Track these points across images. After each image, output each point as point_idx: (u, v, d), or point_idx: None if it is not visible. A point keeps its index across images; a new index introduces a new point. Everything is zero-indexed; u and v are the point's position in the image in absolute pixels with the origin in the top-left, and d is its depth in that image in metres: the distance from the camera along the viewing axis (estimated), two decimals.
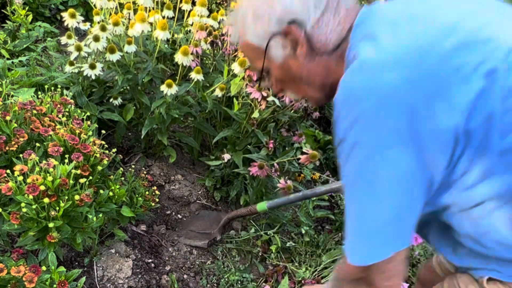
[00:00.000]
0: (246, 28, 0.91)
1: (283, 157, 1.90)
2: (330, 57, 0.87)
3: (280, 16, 0.85)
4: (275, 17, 0.85)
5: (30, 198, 1.22)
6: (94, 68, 1.81)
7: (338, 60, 0.86)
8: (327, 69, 0.89)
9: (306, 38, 0.84)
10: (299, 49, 0.86)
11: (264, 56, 0.90)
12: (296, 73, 0.90)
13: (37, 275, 1.17)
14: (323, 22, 0.84)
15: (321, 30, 0.84)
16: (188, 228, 1.97)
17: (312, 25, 0.84)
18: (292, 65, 0.89)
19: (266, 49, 0.89)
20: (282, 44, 0.87)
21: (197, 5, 1.93)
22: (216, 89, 1.91)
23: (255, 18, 0.88)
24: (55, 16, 3.35)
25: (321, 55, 0.86)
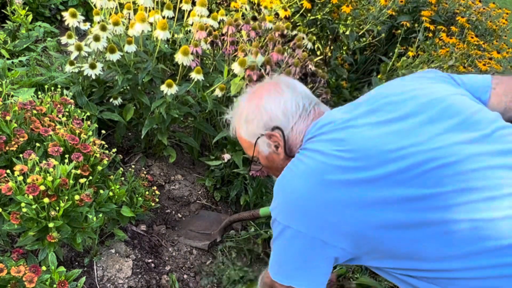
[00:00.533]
0: (240, 126, 1.15)
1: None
2: None
3: (265, 122, 1.09)
4: (262, 123, 1.09)
5: (30, 198, 1.22)
6: (94, 68, 1.81)
7: None
8: None
9: (284, 142, 1.08)
10: (279, 149, 1.10)
11: (253, 149, 1.14)
12: (278, 164, 1.12)
13: (37, 275, 1.17)
14: (295, 126, 1.08)
15: (294, 135, 1.08)
16: (188, 228, 1.97)
17: (289, 131, 1.08)
18: (275, 158, 1.12)
19: (255, 145, 1.13)
20: (267, 143, 1.11)
21: (197, 5, 1.93)
22: (216, 89, 1.91)
23: (247, 120, 1.12)
24: (55, 16, 3.35)
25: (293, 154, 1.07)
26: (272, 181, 2.12)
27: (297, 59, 1.87)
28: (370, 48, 3.38)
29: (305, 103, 1.10)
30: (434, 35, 3.10)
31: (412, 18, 3.33)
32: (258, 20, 2.08)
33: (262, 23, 2.08)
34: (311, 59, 1.94)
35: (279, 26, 1.99)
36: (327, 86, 2.79)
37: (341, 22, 2.85)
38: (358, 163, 0.90)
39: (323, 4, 2.81)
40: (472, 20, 3.63)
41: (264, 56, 1.84)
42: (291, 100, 1.09)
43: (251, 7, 2.63)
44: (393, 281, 1.01)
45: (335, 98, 3.08)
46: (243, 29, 2.02)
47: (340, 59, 3.21)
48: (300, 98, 1.10)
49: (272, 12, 2.44)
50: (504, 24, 3.88)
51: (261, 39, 2.03)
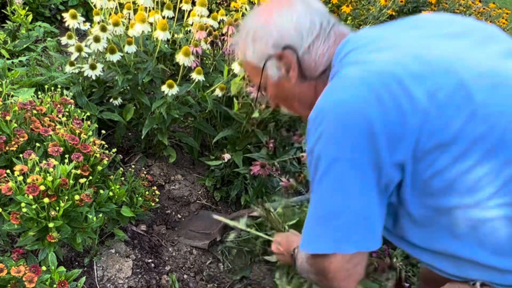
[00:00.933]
0: (246, 48, 1.00)
1: (283, 156, 1.90)
2: (317, 81, 0.96)
3: (276, 41, 0.94)
4: (271, 41, 0.94)
5: (30, 198, 1.22)
6: (94, 69, 1.81)
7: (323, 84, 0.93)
8: (315, 90, 0.96)
9: (298, 63, 0.94)
10: (291, 72, 0.95)
11: (261, 74, 0.99)
12: (289, 92, 0.99)
13: (37, 275, 1.17)
14: (314, 48, 0.94)
15: (311, 56, 0.94)
16: (188, 228, 1.97)
17: (304, 51, 0.93)
18: (285, 84, 0.98)
19: (263, 69, 0.98)
20: (277, 66, 0.96)
21: (197, 5, 1.94)
22: (216, 89, 1.91)
23: (254, 40, 0.97)
24: (55, 16, 3.35)
25: (309, 80, 0.95)
26: (272, 181, 2.12)
27: None
28: None
29: (322, 21, 0.95)
30: None
31: None
32: None
33: None
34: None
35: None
36: None
37: None
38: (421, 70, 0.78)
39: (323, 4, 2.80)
40: None
41: None
42: (305, 16, 0.93)
43: (251, 7, 2.63)
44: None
45: None
46: None
47: None
48: (317, 15, 0.95)
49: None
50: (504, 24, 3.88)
51: None
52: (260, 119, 1.88)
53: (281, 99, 1.05)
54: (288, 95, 1.00)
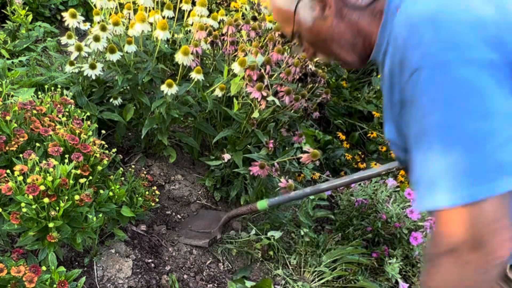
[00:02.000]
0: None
1: (283, 156, 1.90)
2: (363, 15, 0.84)
3: None
4: None
5: (30, 198, 1.22)
6: (94, 68, 1.81)
7: (372, 17, 0.84)
8: (359, 28, 0.86)
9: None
10: (327, 10, 0.85)
11: (293, 20, 0.89)
12: (327, 35, 0.88)
13: (37, 275, 1.17)
14: None
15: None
16: (187, 227, 1.97)
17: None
18: (322, 27, 0.87)
19: (295, 12, 0.88)
20: (310, 6, 0.86)
21: (197, 5, 1.94)
22: (216, 89, 1.91)
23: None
24: (55, 16, 3.35)
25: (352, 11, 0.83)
26: (272, 181, 2.11)
27: (297, 59, 1.87)
28: None
29: None
30: None
31: None
32: (258, 20, 2.09)
33: (262, 23, 2.08)
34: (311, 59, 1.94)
35: (279, 26, 1.99)
36: (327, 86, 2.78)
37: None
38: None
39: None
40: None
41: (264, 56, 1.84)
42: None
43: (251, 7, 2.63)
44: None
45: (335, 98, 3.08)
46: (243, 29, 2.03)
47: None
48: None
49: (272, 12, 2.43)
50: None
51: (261, 39, 2.03)
52: (260, 119, 1.88)
53: (318, 45, 0.94)
54: (326, 39, 0.89)
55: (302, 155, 1.66)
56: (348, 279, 1.87)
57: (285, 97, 1.79)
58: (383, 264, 1.93)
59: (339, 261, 1.90)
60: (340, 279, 1.88)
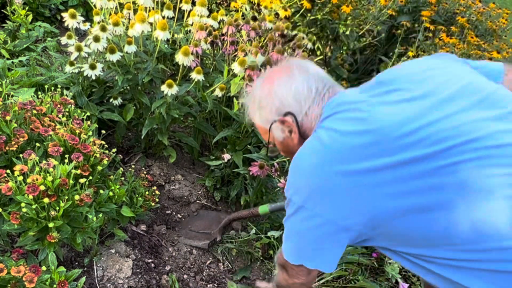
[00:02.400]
0: (254, 113, 1.14)
1: (283, 156, 1.90)
2: None
3: (278, 108, 1.07)
4: (274, 108, 1.07)
5: (30, 198, 1.22)
6: (94, 68, 1.81)
7: None
8: None
9: (297, 127, 1.06)
10: (293, 134, 1.08)
11: (268, 135, 1.12)
12: (293, 149, 1.09)
13: (37, 275, 1.17)
14: (310, 112, 1.05)
15: (308, 119, 1.06)
16: (187, 227, 1.97)
17: (302, 116, 1.05)
18: (289, 143, 1.11)
19: (270, 130, 1.11)
20: (281, 129, 1.09)
21: (197, 5, 1.94)
22: (216, 89, 1.91)
23: (260, 107, 1.11)
24: (55, 16, 3.35)
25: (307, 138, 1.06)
26: (272, 181, 2.12)
27: None
28: (370, 48, 3.38)
29: (318, 86, 1.05)
30: (434, 35, 3.10)
31: (412, 18, 3.33)
32: (258, 20, 2.09)
33: (262, 23, 2.08)
34: (311, 59, 1.94)
35: (279, 26, 1.99)
36: None
37: (341, 22, 2.85)
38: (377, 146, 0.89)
39: (323, 4, 2.81)
40: (472, 20, 3.63)
41: (264, 56, 1.84)
42: (303, 84, 1.05)
43: (251, 7, 2.64)
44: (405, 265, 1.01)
45: None
46: (243, 29, 2.03)
47: (340, 59, 3.21)
48: (313, 81, 1.06)
49: (272, 12, 2.44)
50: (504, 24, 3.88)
51: (261, 39, 2.03)
52: None
53: (288, 153, 1.17)
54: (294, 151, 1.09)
55: None
56: (348, 279, 1.87)
57: None
58: (383, 264, 1.93)
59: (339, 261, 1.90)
60: (340, 279, 1.88)
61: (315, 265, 1.01)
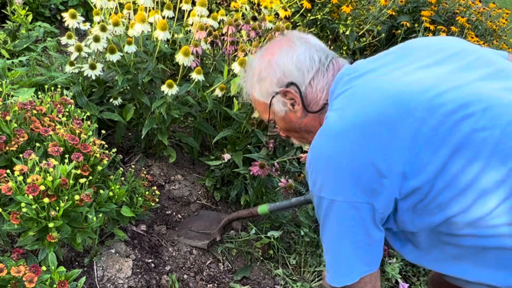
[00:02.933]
0: (253, 87, 1.09)
1: (283, 156, 1.90)
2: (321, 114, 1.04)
3: (279, 79, 1.03)
4: (275, 79, 1.03)
5: (30, 198, 1.22)
6: (94, 69, 1.81)
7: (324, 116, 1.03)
8: (320, 121, 1.04)
9: (301, 98, 1.02)
10: (296, 106, 1.04)
11: (269, 110, 1.07)
12: (296, 124, 1.07)
13: (37, 275, 1.17)
14: (314, 83, 1.02)
15: (313, 90, 1.02)
16: (187, 227, 1.97)
17: (306, 86, 1.02)
18: (292, 118, 1.07)
19: (270, 105, 1.06)
20: (282, 102, 1.05)
21: (197, 5, 1.93)
22: (216, 89, 1.91)
23: (259, 79, 1.06)
24: (55, 16, 3.35)
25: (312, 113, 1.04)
26: (272, 181, 2.12)
27: None
28: (370, 48, 3.38)
29: (320, 56, 1.03)
30: (434, 35, 3.10)
31: (412, 18, 3.33)
32: (258, 20, 2.09)
33: (262, 23, 2.08)
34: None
35: (279, 26, 1.99)
36: None
37: (341, 22, 2.85)
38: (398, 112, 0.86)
39: (323, 4, 2.81)
40: (472, 20, 3.63)
41: None
42: (305, 53, 1.02)
43: (251, 7, 2.63)
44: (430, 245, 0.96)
45: None
46: (243, 29, 2.03)
47: None
48: (315, 51, 1.03)
49: (272, 12, 2.44)
50: (504, 24, 3.88)
51: (261, 39, 2.03)
52: (260, 119, 1.88)
53: (290, 131, 1.13)
54: (296, 127, 1.08)
55: (302, 155, 1.66)
56: None
57: None
58: (383, 264, 1.93)
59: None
60: None
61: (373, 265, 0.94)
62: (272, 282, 1.85)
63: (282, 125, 1.12)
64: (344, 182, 0.89)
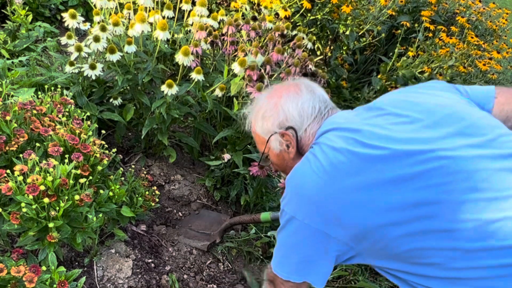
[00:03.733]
0: (256, 122, 1.19)
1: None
2: None
3: (281, 122, 1.13)
4: (277, 121, 1.13)
5: (30, 198, 1.22)
6: (94, 69, 1.81)
7: None
8: None
9: (297, 142, 1.12)
10: (290, 148, 1.14)
11: (265, 145, 1.17)
12: (288, 163, 1.16)
13: (37, 275, 1.17)
14: (308, 129, 1.11)
15: (306, 135, 1.12)
16: (188, 226, 1.97)
17: (302, 132, 1.12)
18: (285, 157, 1.16)
19: (268, 141, 1.16)
20: (279, 141, 1.14)
21: (197, 5, 1.94)
22: (216, 89, 1.91)
23: (263, 117, 1.16)
24: (55, 16, 3.35)
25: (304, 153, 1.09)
26: (272, 181, 2.12)
27: (297, 59, 1.87)
28: (370, 48, 3.38)
29: (321, 106, 1.13)
30: (434, 35, 3.10)
31: (412, 18, 3.33)
32: (258, 20, 2.09)
33: (262, 23, 2.08)
34: (311, 59, 1.94)
35: (279, 26, 1.99)
36: (327, 86, 2.79)
37: (341, 22, 2.85)
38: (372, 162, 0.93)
39: (323, 4, 2.81)
40: (472, 20, 3.63)
41: (264, 56, 1.84)
42: (309, 102, 1.12)
43: (251, 7, 2.63)
44: (394, 281, 1.03)
45: (335, 98, 3.08)
46: (243, 29, 2.03)
47: (340, 59, 3.21)
48: (318, 101, 1.14)
49: (272, 12, 2.44)
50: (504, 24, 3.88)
51: (261, 39, 2.03)
52: None
53: (280, 166, 1.22)
54: (287, 165, 1.16)
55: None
56: (348, 279, 1.87)
57: None
58: None
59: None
60: (340, 279, 1.88)
61: (304, 278, 1.03)
62: None
63: (274, 160, 1.21)
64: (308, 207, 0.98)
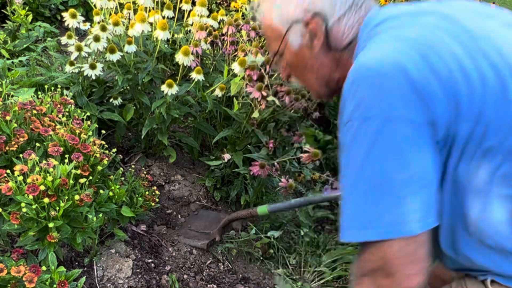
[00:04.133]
0: (273, 8, 0.95)
1: (284, 156, 1.90)
2: (341, 54, 0.91)
3: (307, 5, 0.89)
4: (303, 5, 0.89)
5: (30, 198, 1.22)
6: (94, 68, 1.81)
7: (348, 57, 0.91)
8: (337, 64, 0.93)
9: (325, 33, 0.89)
10: (315, 41, 0.90)
11: (282, 39, 0.94)
12: (308, 62, 0.94)
13: (37, 275, 1.17)
14: (344, 20, 0.89)
15: (340, 27, 0.89)
16: (187, 226, 1.97)
17: (334, 21, 0.89)
18: (306, 54, 0.93)
19: (286, 33, 0.92)
20: (301, 33, 0.91)
21: (197, 5, 1.93)
22: (216, 89, 1.91)
23: (282, 2, 0.92)
24: (55, 16, 3.35)
25: (334, 51, 0.90)
26: (272, 181, 2.11)
27: None
28: None
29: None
30: None
31: None
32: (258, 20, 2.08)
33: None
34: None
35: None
36: None
37: None
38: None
39: None
40: None
41: (264, 56, 1.84)
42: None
43: (251, 7, 2.63)
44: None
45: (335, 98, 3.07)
46: (243, 29, 2.03)
47: None
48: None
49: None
50: None
51: (261, 39, 2.03)
52: (260, 119, 1.88)
53: (296, 69, 0.99)
54: (306, 65, 0.95)
55: (302, 155, 1.66)
56: (348, 279, 1.87)
57: (285, 97, 1.79)
58: None
59: (339, 261, 1.90)
60: (340, 279, 1.88)
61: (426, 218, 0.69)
62: (272, 282, 1.85)
63: (290, 59, 0.97)
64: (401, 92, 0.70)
